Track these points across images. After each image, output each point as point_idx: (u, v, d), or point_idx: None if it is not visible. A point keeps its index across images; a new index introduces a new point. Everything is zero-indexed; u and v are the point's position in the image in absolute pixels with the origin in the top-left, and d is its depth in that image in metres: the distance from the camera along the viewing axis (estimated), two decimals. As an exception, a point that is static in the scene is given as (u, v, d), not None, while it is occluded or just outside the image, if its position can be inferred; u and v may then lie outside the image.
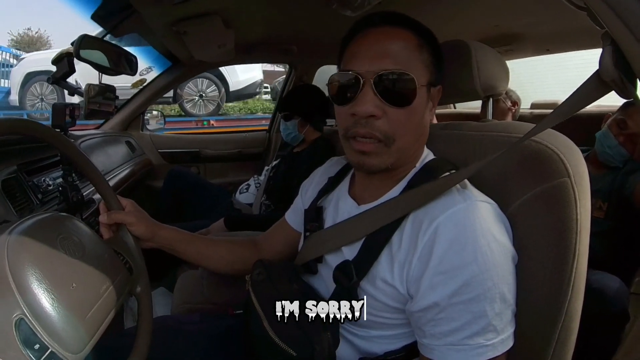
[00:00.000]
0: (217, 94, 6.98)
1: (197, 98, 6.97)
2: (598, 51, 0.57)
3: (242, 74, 6.95)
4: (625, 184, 1.46)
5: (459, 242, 0.59)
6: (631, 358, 0.59)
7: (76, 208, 1.23)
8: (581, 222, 0.62)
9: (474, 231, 0.59)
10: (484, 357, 0.58)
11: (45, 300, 0.52)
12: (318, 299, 0.73)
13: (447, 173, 0.70)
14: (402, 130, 0.67)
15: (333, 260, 0.74)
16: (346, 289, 0.68)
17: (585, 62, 1.97)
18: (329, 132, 1.96)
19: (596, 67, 0.58)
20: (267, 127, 2.90)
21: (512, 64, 0.92)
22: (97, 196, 1.41)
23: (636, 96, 0.57)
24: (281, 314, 0.69)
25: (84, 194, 1.31)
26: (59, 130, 1.44)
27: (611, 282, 1.23)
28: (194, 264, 1.02)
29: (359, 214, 0.73)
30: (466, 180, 0.67)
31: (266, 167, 2.18)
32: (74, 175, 1.26)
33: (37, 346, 0.50)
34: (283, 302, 0.70)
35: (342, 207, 0.80)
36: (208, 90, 6.98)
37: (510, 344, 0.60)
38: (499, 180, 0.68)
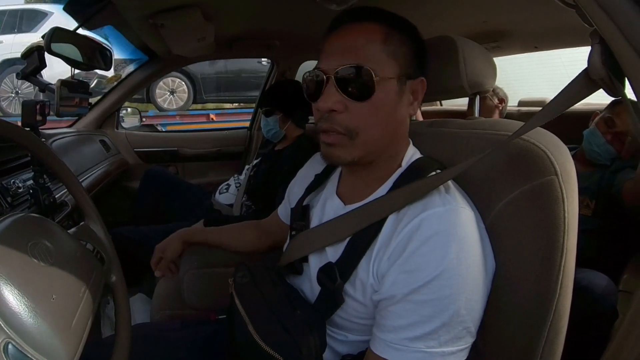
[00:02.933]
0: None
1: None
2: (586, 49, 0.59)
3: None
4: (613, 182, 1.50)
5: (430, 245, 0.60)
6: (621, 356, 0.60)
7: (48, 211, 1.21)
8: (569, 220, 0.63)
9: (446, 237, 0.60)
10: None
11: (28, 318, 0.51)
12: (303, 301, 0.75)
13: (434, 172, 0.71)
14: (364, 123, 0.68)
15: (317, 261, 0.75)
16: (330, 292, 0.70)
17: (573, 60, 2.02)
18: (312, 129, 1.95)
19: (584, 65, 0.59)
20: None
21: (499, 61, 0.93)
22: (70, 198, 1.39)
23: (624, 94, 0.59)
24: (267, 317, 0.70)
25: (57, 196, 1.29)
26: (29, 129, 1.41)
27: (599, 280, 1.27)
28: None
29: (345, 214, 0.74)
30: (451, 184, 0.69)
31: (247, 166, 2.16)
32: (45, 177, 1.24)
33: None
34: (269, 305, 0.71)
35: (328, 206, 0.81)
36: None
37: None
38: (487, 178, 0.70)
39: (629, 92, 0.58)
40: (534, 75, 3.06)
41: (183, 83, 6.84)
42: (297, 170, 0.99)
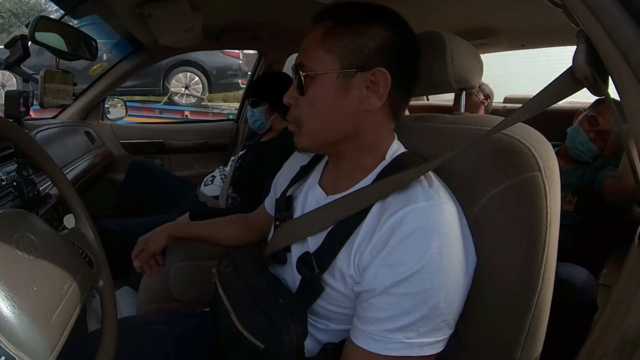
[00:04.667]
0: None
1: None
2: (572, 48, 0.60)
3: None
4: (595, 179, 1.54)
5: (412, 239, 0.61)
6: (600, 348, 0.62)
7: (32, 204, 1.19)
8: (551, 215, 0.65)
9: (429, 232, 0.61)
10: (398, 353, 0.61)
11: (6, 309, 0.50)
12: (286, 290, 0.76)
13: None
14: (306, 115, 0.74)
15: (297, 250, 0.76)
16: (309, 281, 0.71)
17: (558, 58, 2.05)
18: None
19: (569, 64, 0.60)
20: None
21: (486, 58, 0.93)
22: (54, 191, 1.37)
23: (607, 94, 0.60)
24: (250, 306, 0.70)
25: (41, 188, 1.27)
26: (12, 120, 1.38)
27: (580, 274, 1.30)
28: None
29: (327, 204, 0.75)
30: (435, 179, 0.70)
31: (232, 158, 2.14)
32: (29, 169, 1.21)
33: (2, 358, 0.49)
34: (252, 293, 0.72)
35: (310, 196, 0.82)
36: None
37: (431, 352, 0.62)
38: (471, 173, 0.71)
39: (612, 92, 0.59)
40: (520, 72, 3.10)
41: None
42: (283, 162, 1.00)
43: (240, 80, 7.57)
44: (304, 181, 0.88)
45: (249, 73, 3.36)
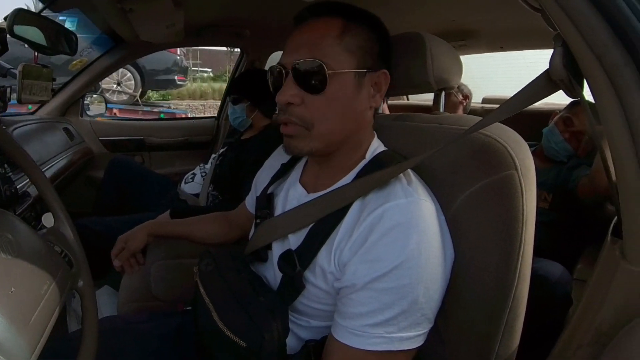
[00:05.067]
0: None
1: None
2: (549, 52, 0.62)
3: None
4: (570, 177, 1.58)
5: (391, 235, 0.62)
6: (575, 340, 0.64)
7: (9, 203, 1.16)
8: (527, 212, 0.66)
9: (408, 228, 0.62)
10: (379, 348, 0.61)
11: None
12: (267, 287, 0.76)
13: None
14: (320, 115, 0.70)
15: (279, 248, 0.76)
16: (291, 278, 0.71)
17: (535, 61, 2.10)
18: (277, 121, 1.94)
19: (546, 66, 0.62)
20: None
21: (465, 59, 0.95)
22: (32, 189, 1.33)
23: (582, 96, 0.62)
24: (231, 304, 0.70)
25: (18, 187, 1.24)
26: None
27: (555, 269, 1.34)
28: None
29: (308, 202, 0.75)
30: (414, 177, 0.71)
31: (213, 155, 2.12)
32: (6, 166, 1.18)
33: None
34: (233, 292, 0.72)
35: (291, 194, 0.82)
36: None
37: (411, 346, 0.63)
38: (449, 171, 0.72)
39: (587, 94, 0.61)
40: (498, 74, 3.16)
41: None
42: (264, 160, 1.00)
43: (176, 77, 7.11)
44: (285, 179, 0.88)
45: (193, 68, 3.31)
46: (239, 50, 2.69)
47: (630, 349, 0.50)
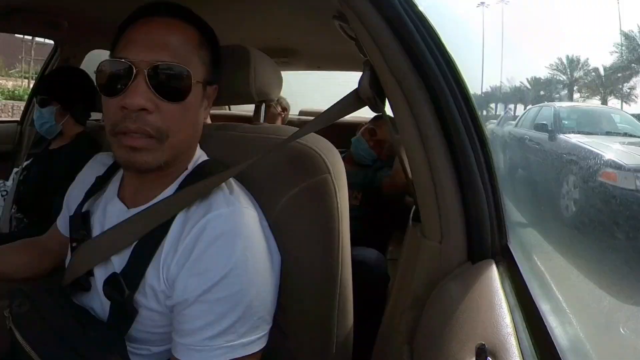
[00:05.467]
0: None
1: None
2: (359, 74, 0.73)
3: None
4: (375, 178, 1.84)
5: (217, 245, 0.61)
6: (398, 307, 0.75)
7: None
8: (341, 209, 0.75)
9: (232, 237, 0.62)
10: (223, 358, 0.60)
11: None
12: (95, 320, 0.68)
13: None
14: (176, 126, 0.64)
15: (102, 273, 0.67)
16: (121, 305, 0.64)
17: (347, 80, 2.38)
18: (93, 127, 1.69)
19: (355, 86, 0.73)
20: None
21: (285, 75, 1.00)
22: None
23: (384, 111, 0.76)
24: (57, 346, 0.61)
25: None
26: None
27: (371, 254, 1.53)
28: None
29: (129, 218, 0.68)
30: (236, 186, 0.71)
31: (15, 169, 1.74)
32: None
33: None
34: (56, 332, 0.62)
35: (110, 211, 0.73)
36: None
37: (254, 349, 0.63)
38: (269, 178, 0.75)
39: (388, 110, 0.75)
40: (315, 90, 3.42)
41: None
42: (76, 173, 0.87)
43: None
44: (102, 194, 0.77)
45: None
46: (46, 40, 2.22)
47: (441, 304, 0.62)
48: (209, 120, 2.01)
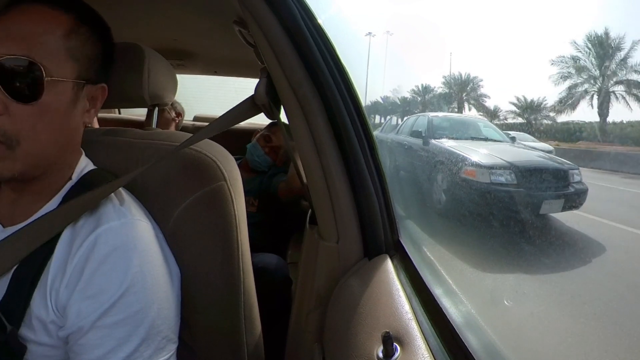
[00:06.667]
0: None
1: None
2: (255, 80, 0.72)
3: None
4: (271, 184, 1.83)
5: (109, 262, 0.55)
6: (304, 308, 0.75)
7: None
8: (239, 217, 0.73)
9: (126, 251, 0.56)
10: None
11: None
12: None
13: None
14: (29, 130, 0.54)
15: None
16: (4, 343, 0.53)
17: (243, 87, 2.34)
18: None
19: (251, 92, 0.72)
20: None
21: (180, 78, 0.95)
22: None
23: (279, 118, 0.75)
24: None
25: None
26: None
27: (271, 259, 1.51)
28: None
29: (5, 238, 0.57)
30: (126, 196, 0.64)
31: None
32: None
33: None
34: None
35: None
36: None
37: None
38: (162, 186, 0.70)
39: (283, 117, 0.75)
40: (210, 95, 3.31)
41: None
42: None
43: None
44: None
45: None
46: None
47: (344, 300, 0.64)
48: (96, 125, 1.80)
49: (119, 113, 2.94)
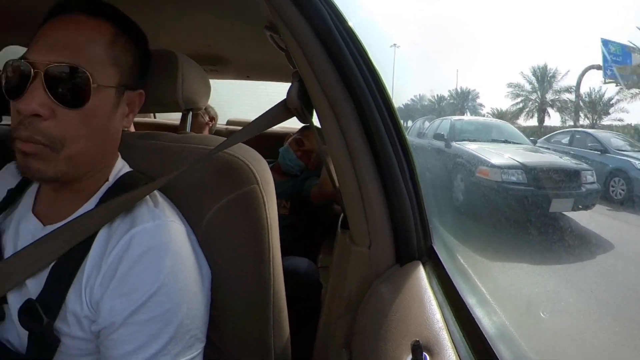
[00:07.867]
0: None
1: None
2: (287, 84, 0.70)
3: None
4: (303, 187, 1.82)
5: (142, 262, 0.56)
6: (334, 313, 0.73)
7: None
8: (270, 219, 0.72)
9: (159, 252, 0.57)
10: None
11: None
12: (13, 354, 0.58)
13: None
14: (73, 135, 0.56)
15: (16, 300, 0.58)
16: (39, 335, 0.55)
17: (275, 91, 2.35)
18: (4, 131, 1.49)
19: (284, 96, 0.71)
20: None
21: (213, 83, 0.96)
22: None
23: (311, 122, 0.74)
24: None
25: None
26: None
27: (302, 263, 1.50)
28: None
29: (44, 236, 0.59)
30: (161, 199, 0.65)
31: None
32: None
33: None
34: None
35: (24, 228, 0.63)
36: None
37: None
38: (196, 189, 0.70)
39: (316, 121, 0.73)
40: (242, 99, 3.36)
41: None
42: None
43: None
44: (14, 209, 0.67)
45: None
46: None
47: (374, 306, 0.62)
48: (132, 129, 1.86)
49: (154, 117, 3.00)
